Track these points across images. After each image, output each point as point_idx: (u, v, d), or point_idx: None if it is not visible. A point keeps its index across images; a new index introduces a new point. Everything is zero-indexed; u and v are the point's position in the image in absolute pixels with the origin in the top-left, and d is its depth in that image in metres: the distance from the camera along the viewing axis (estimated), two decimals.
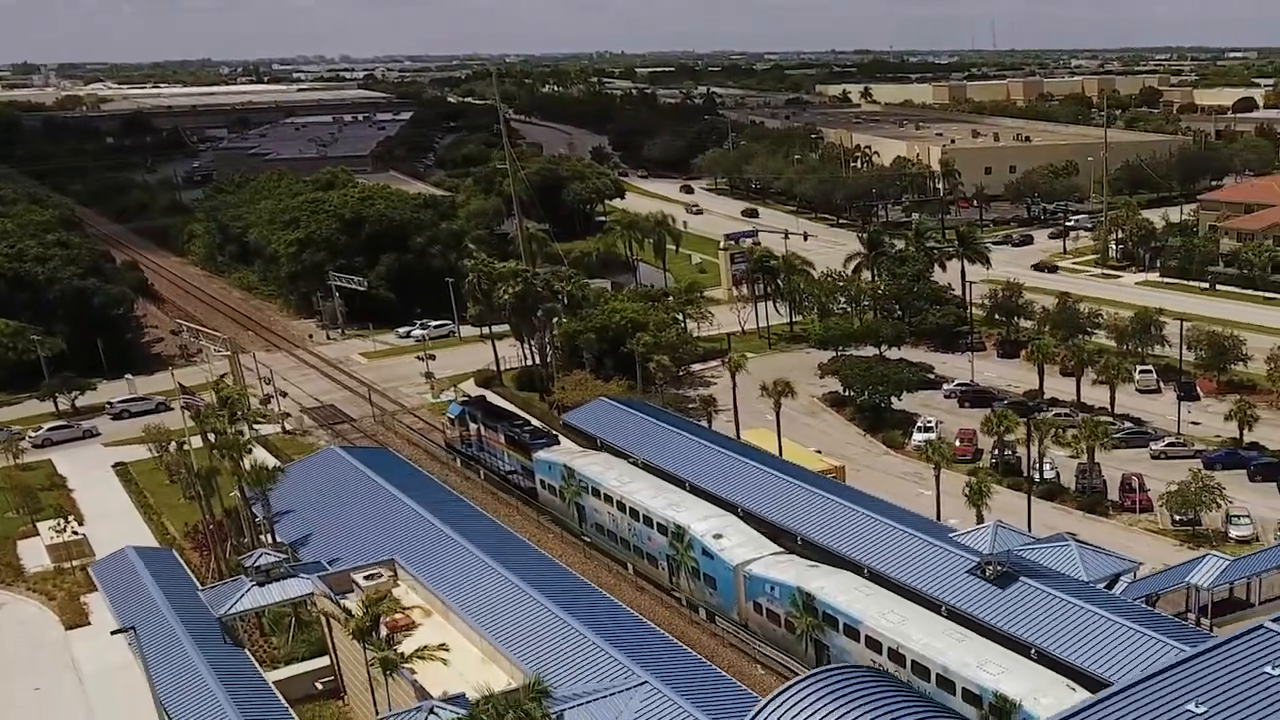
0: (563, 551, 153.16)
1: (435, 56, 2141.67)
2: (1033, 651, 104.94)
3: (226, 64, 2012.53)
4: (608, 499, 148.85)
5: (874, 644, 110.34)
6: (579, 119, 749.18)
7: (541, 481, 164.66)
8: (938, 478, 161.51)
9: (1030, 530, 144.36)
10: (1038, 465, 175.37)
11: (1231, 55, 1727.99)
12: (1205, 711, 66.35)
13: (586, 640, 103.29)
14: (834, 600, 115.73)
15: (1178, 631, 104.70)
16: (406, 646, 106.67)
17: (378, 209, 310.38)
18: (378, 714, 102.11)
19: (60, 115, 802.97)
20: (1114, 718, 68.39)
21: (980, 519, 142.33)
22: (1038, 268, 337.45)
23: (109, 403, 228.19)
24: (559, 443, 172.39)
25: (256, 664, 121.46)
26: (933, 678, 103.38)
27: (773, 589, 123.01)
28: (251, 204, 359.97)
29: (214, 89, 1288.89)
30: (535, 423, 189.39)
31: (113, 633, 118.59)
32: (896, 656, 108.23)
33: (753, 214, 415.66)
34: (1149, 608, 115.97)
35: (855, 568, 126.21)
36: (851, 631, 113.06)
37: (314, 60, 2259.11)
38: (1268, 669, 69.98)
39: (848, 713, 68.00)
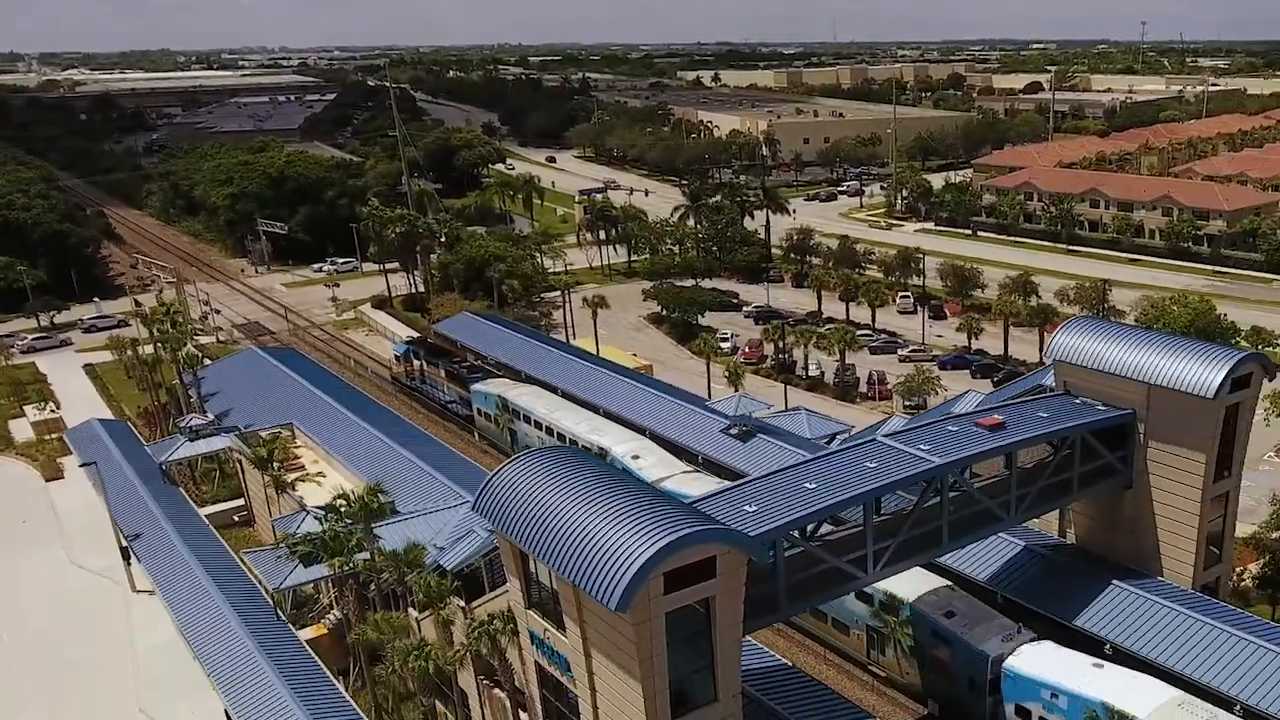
0: None
1: (360, 47, 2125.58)
2: None
3: (182, 53, 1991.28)
4: (537, 424, 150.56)
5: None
6: (476, 100, 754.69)
7: (478, 410, 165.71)
8: (709, 367, 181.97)
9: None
10: (804, 365, 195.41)
11: (1035, 46, 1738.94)
12: (815, 486, 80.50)
13: (425, 473, 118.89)
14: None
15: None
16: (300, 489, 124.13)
17: (298, 169, 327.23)
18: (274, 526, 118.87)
19: (41, 96, 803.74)
20: (752, 490, 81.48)
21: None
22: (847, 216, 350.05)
23: (81, 320, 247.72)
24: (494, 376, 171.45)
25: (190, 500, 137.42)
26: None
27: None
28: (198, 167, 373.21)
29: (171, 74, 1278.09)
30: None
31: (81, 464, 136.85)
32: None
33: (612, 184, 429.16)
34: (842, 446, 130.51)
35: (640, 429, 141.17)
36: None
37: (257, 51, 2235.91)
38: (867, 464, 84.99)
39: (557, 466, 75.27)
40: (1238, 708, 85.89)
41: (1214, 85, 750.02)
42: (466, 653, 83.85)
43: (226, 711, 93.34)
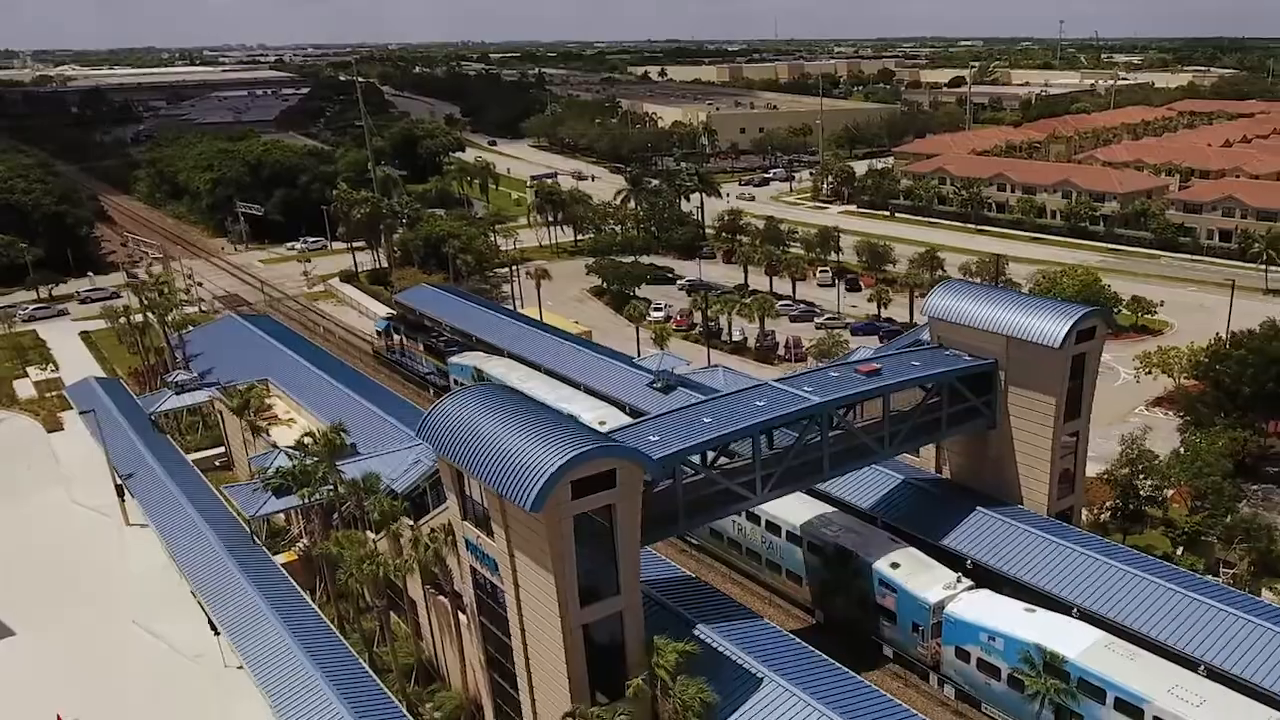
0: None
1: (333, 45, 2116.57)
2: None
3: (167, 50, 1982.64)
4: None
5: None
6: (440, 94, 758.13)
7: (455, 381, 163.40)
8: (638, 332, 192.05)
9: None
10: (728, 331, 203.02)
11: (963, 43, 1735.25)
12: (711, 420, 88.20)
13: (386, 422, 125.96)
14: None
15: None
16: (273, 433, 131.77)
17: (274, 157, 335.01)
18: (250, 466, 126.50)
19: (36, 91, 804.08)
20: (658, 424, 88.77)
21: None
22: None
23: (78, 292, 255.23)
24: (470, 350, 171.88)
25: (179, 448, 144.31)
26: None
27: None
28: (181, 155, 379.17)
29: (156, 70, 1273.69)
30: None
31: (80, 412, 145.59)
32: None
33: (578, 174, 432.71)
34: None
35: (575, 384, 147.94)
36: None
37: (236, 48, 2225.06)
38: (757, 402, 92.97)
39: (494, 399, 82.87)
40: (1074, 611, 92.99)
41: (1123, 79, 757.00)
42: (414, 562, 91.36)
43: (210, 621, 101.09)
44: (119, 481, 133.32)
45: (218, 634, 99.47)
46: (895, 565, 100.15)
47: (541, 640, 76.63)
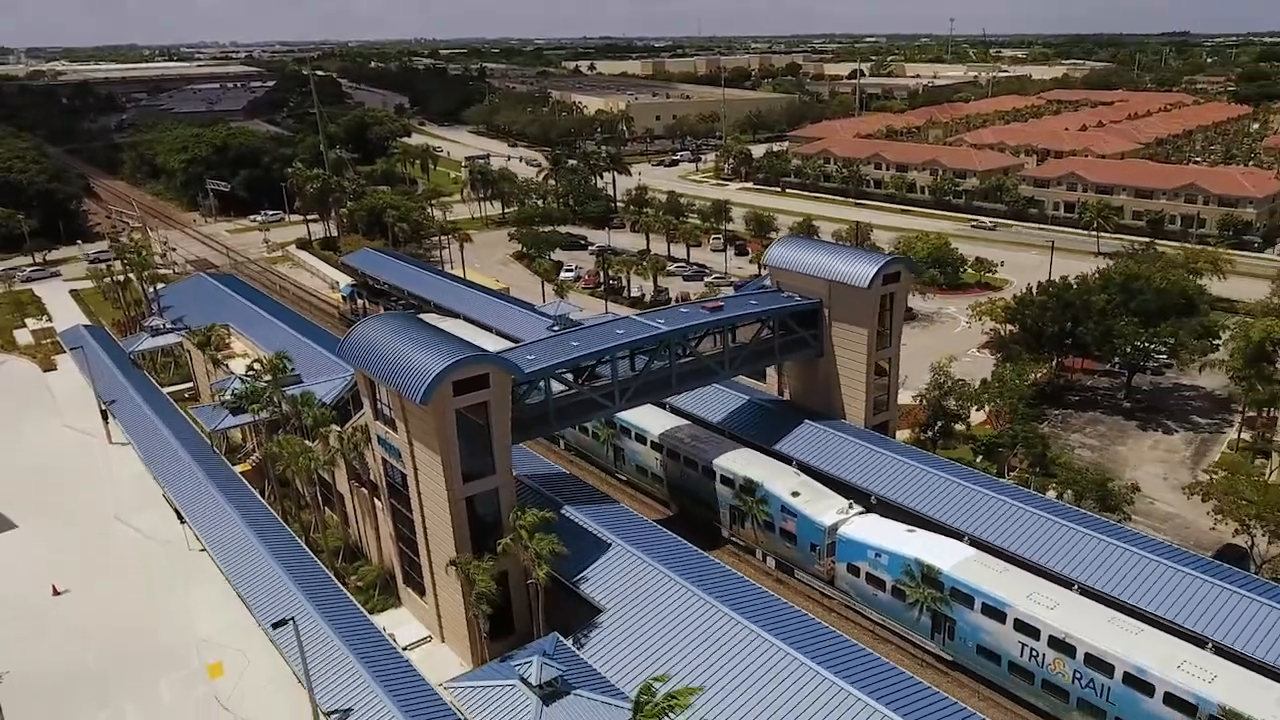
0: None
1: (298, 42, 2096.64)
2: None
3: (148, 47, 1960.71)
4: None
5: None
6: (393, 86, 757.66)
7: None
8: (543, 286, 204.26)
9: None
10: (626, 288, 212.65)
11: (868, 39, 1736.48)
12: (578, 344, 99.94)
13: (326, 357, 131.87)
14: None
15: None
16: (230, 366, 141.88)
17: (239, 140, 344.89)
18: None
19: (30, 84, 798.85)
20: (535, 347, 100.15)
21: None
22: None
23: (86, 254, 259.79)
24: (428, 310, 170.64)
25: (154, 382, 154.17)
26: None
27: None
28: (159, 140, 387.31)
29: (138, 65, 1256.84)
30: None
31: (70, 349, 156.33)
32: None
33: (516, 155, 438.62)
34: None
35: (487, 327, 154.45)
36: None
37: (211, 45, 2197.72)
38: (617, 330, 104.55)
39: (399, 323, 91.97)
40: (872, 498, 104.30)
41: (1003, 72, 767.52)
42: (338, 455, 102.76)
43: (178, 514, 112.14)
44: (103, 407, 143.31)
45: (184, 523, 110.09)
46: (796, 494, 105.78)
47: (435, 510, 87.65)
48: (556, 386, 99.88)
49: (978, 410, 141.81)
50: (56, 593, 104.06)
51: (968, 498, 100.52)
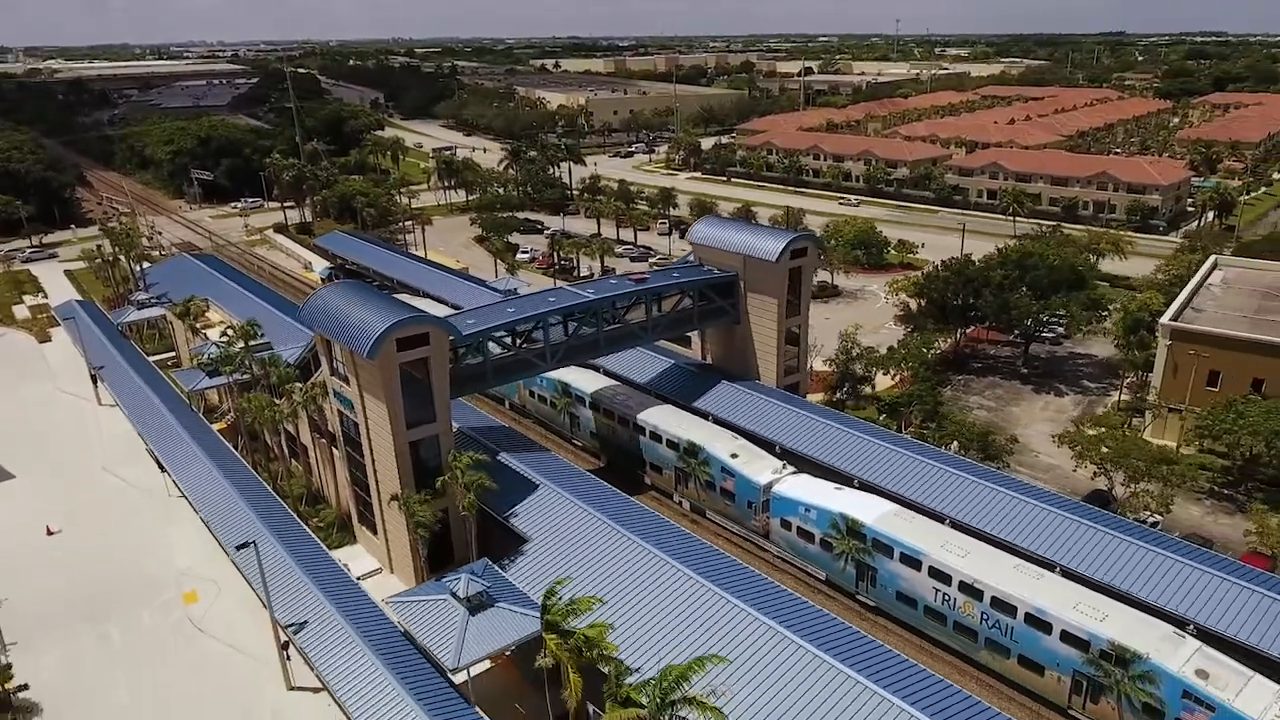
0: None
1: (282, 41, 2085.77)
2: None
3: (139, 47, 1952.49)
4: None
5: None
6: (370, 82, 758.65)
7: None
8: (496, 262, 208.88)
9: None
10: (576, 267, 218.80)
11: (821, 39, 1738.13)
12: (514, 310, 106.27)
13: (296, 327, 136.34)
14: None
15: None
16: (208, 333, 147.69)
17: (222, 133, 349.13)
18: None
19: (27, 81, 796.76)
20: (476, 313, 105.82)
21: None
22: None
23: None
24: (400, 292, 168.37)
25: (140, 350, 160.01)
26: None
27: None
28: (148, 133, 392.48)
29: (129, 63, 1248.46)
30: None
31: (62, 319, 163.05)
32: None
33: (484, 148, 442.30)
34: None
35: (441, 300, 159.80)
36: None
37: (199, 44, 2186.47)
38: (549, 299, 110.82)
39: (351, 290, 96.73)
40: (777, 448, 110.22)
41: (944, 69, 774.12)
42: (299, 408, 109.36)
43: (159, 464, 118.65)
44: (93, 373, 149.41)
45: (164, 472, 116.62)
46: (734, 455, 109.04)
47: (383, 454, 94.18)
48: (499, 350, 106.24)
49: (886, 375, 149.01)
50: (50, 533, 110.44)
51: (857, 445, 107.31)
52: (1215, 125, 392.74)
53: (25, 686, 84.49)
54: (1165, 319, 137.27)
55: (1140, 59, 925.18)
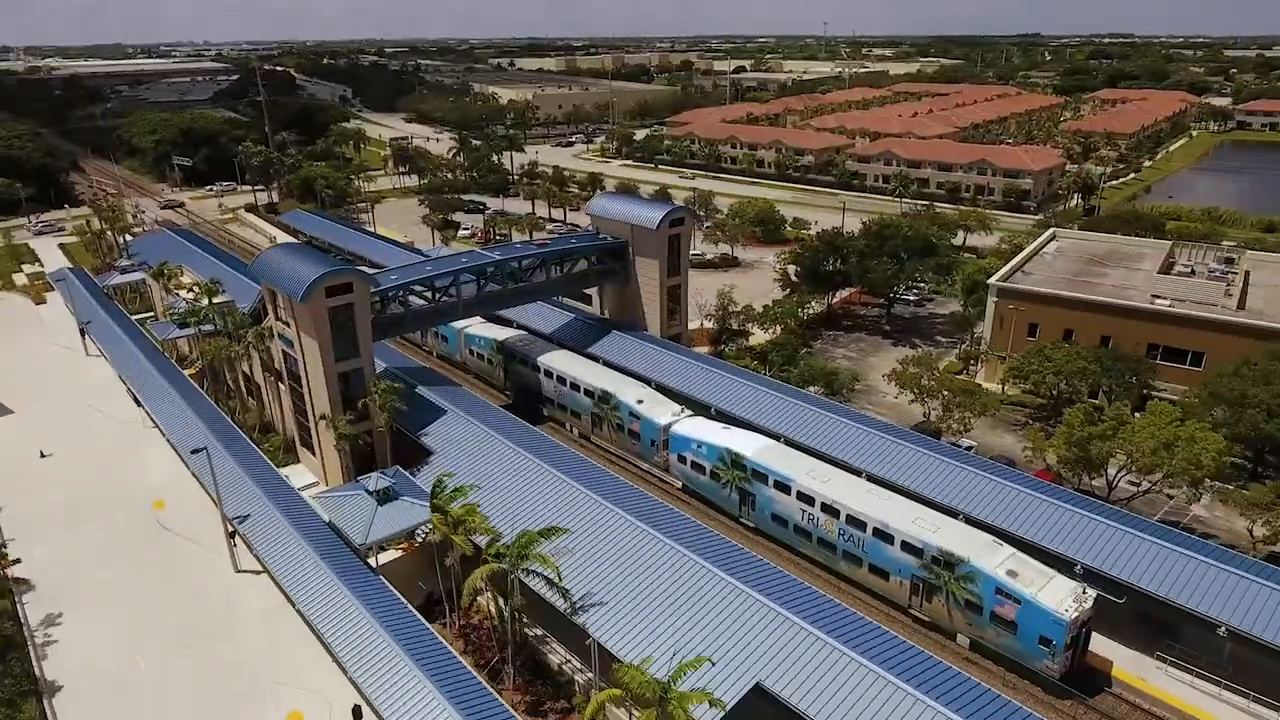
0: None
1: (263, 41, 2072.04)
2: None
3: (130, 46, 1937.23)
4: None
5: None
6: (341, 79, 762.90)
7: None
8: (433, 234, 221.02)
9: None
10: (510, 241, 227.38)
11: (759, 39, 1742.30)
12: (431, 268, 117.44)
13: (249, 284, 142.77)
14: None
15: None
16: (180, 293, 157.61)
17: (201, 124, 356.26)
18: None
19: (27, 78, 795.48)
20: (398, 270, 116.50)
21: None
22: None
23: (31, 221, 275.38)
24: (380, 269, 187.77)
25: (123, 309, 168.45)
26: None
27: None
28: (135, 124, 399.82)
29: (122, 62, 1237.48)
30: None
31: (55, 282, 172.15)
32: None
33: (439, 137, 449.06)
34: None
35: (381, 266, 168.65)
36: None
37: (186, 44, 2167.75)
38: (462, 259, 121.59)
39: (291, 248, 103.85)
40: (652, 383, 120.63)
41: (864, 68, 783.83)
42: (249, 348, 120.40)
43: (135, 400, 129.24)
44: (81, 327, 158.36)
45: (140, 407, 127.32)
46: (640, 401, 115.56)
47: (317, 383, 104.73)
48: (421, 303, 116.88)
49: (764, 330, 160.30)
50: (43, 456, 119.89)
51: (713, 379, 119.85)
52: (1098, 118, 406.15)
53: (18, 561, 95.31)
54: (993, 280, 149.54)
55: (1048, 58, 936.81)
